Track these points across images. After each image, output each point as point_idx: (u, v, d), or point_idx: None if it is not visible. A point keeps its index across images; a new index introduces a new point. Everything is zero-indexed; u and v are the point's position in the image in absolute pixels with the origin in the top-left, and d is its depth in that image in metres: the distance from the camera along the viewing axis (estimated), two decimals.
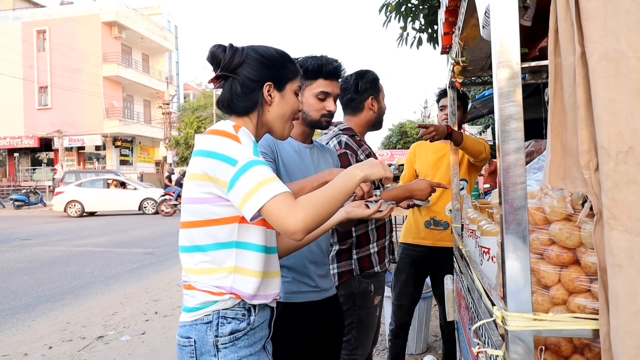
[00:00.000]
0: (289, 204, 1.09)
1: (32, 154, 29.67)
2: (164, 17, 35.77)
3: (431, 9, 4.54)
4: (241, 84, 1.29)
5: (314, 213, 1.10)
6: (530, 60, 1.87)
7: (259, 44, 1.36)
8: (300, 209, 1.09)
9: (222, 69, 1.30)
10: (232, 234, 1.23)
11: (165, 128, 27.97)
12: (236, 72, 1.30)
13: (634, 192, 0.82)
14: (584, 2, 0.84)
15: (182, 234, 1.28)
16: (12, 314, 4.89)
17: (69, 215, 16.85)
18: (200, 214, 1.22)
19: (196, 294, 1.24)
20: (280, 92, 1.34)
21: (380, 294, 2.24)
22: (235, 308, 1.24)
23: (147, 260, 7.87)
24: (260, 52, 1.32)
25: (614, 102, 0.82)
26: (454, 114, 2.53)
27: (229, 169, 1.14)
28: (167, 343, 3.98)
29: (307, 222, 1.09)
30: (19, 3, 30.06)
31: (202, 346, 1.23)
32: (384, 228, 2.25)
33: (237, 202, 1.14)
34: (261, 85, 1.30)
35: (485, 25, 1.09)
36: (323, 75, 1.85)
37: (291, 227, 1.08)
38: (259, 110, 1.32)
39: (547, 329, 0.91)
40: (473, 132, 13.24)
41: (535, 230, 1.09)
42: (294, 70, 1.38)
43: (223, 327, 1.23)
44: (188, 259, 1.26)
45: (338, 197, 1.16)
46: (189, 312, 1.26)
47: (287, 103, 1.35)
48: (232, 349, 1.23)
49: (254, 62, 1.30)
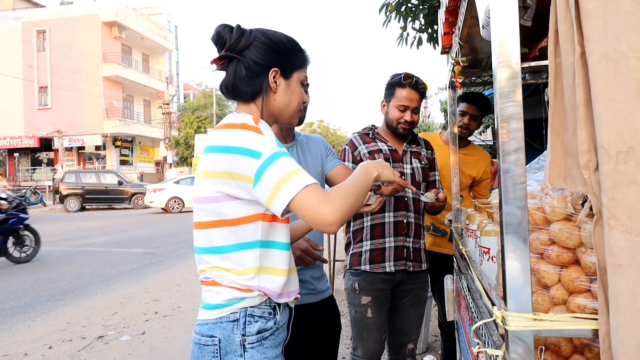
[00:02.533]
0: (322, 195, 1.06)
1: (32, 154, 29.66)
2: (164, 17, 35.77)
3: (431, 9, 4.54)
4: (246, 67, 1.23)
5: (347, 203, 1.08)
6: (530, 60, 1.87)
7: (268, 28, 1.30)
8: (333, 199, 1.06)
9: (227, 49, 1.23)
10: (255, 234, 1.17)
11: (165, 128, 27.97)
12: (242, 54, 1.23)
13: (633, 192, 0.82)
14: (584, 2, 0.84)
15: (198, 235, 1.21)
16: (12, 314, 4.88)
17: (170, 211, 16.98)
18: (217, 214, 1.16)
19: (222, 290, 1.17)
20: (286, 79, 1.28)
21: (369, 295, 2.19)
22: (262, 306, 1.19)
23: (147, 260, 7.87)
24: (269, 35, 1.26)
25: (614, 102, 0.82)
26: (454, 114, 2.53)
27: (252, 163, 1.09)
28: (167, 343, 3.97)
29: (343, 213, 1.07)
30: (19, 3, 30.05)
31: (228, 345, 1.15)
32: (381, 229, 2.20)
33: (265, 196, 1.09)
34: (267, 70, 1.24)
35: (485, 25, 1.09)
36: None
37: (327, 218, 1.05)
38: (264, 97, 1.26)
39: (547, 329, 0.91)
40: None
41: (535, 230, 1.09)
42: (302, 59, 1.33)
43: (250, 325, 1.16)
44: (207, 259, 1.20)
45: (363, 189, 1.17)
46: (212, 310, 1.18)
47: (293, 92, 1.30)
48: (259, 349, 1.16)
49: (261, 46, 1.24)
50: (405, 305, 2.29)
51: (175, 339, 4.05)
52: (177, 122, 30.97)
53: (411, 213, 2.25)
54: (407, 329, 2.32)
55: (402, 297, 2.28)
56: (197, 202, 1.21)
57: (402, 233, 2.21)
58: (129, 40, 30.16)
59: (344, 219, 1.07)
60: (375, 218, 2.21)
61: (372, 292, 2.20)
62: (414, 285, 2.29)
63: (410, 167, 2.30)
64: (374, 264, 2.19)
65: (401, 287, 2.26)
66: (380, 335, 2.24)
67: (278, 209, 1.08)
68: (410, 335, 2.33)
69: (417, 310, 2.34)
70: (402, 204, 2.22)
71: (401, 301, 2.29)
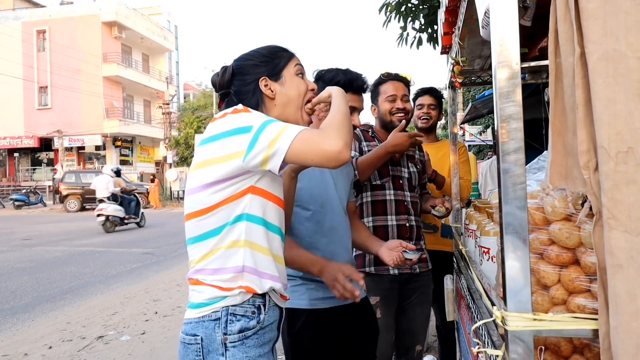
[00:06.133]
0: (317, 132, 1.11)
1: (32, 154, 29.66)
2: (164, 17, 35.75)
3: (431, 9, 4.55)
4: (238, 92, 1.32)
5: (343, 129, 1.12)
6: (530, 60, 1.87)
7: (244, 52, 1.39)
8: (329, 132, 1.11)
9: (220, 89, 1.35)
10: (242, 208, 1.18)
11: (165, 128, 27.94)
12: (231, 86, 1.33)
13: (633, 192, 0.82)
14: (583, 3, 0.84)
15: (188, 226, 1.23)
16: (12, 314, 4.88)
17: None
18: (205, 201, 1.18)
19: (204, 289, 1.19)
20: (277, 81, 1.32)
21: (377, 295, 2.17)
22: (244, 305, 1.20)
23: (147, 260, 7.87)
24: (243, 57, 1.36)
25: (614, 102, 0.83)
26: (454, 114, 2.53)
27: (244, 137, 1.12)
28: (167, 343, 3.97)
29: (345, 138, 1.11)
30: (19, 3, 30.05)
31: (210, 344, 1.17)
32: (384, 232, 2.19)
33: (259, 158, 1.11)
34: (257, 82, 1.30)
35: (485, 25, 1.09)
36: (353, 89, 1.83)
37: (334, 148, 1.09)
38: (266, 105, 1.31)
39: (547, 329, 0.91)
40: (473, 132, 13.22)
41: (535, 230, 1.09)
42: (285, 55, 1.36)
43: (232, 324, 1.17)
44: (196, 249, 1.22)
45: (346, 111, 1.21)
46: (195, 309, 1.20)
47: (290, 88, 1.33)
48: (241, 348, 1.17)
49: (238, 69, 1.33)
50: (413, 304, 2.28)
51: (175, 339, 4.03)
52: (177, 122, 30.94)
53: (412, 216, 2.25)
54: (415, 329, 2.30)
55: (409, 296, 2.27)
56: (187, 194, 1.24)
57: (405, 236, 2.20)
58: (129, 40, 30.15)
59: (349, 142, 1.12)
60: (377, 220, 2.21)
61: (380, 292, 2.18)
62: (420, 283, 2.29)
63: (408, 172, 2.30)
64: (379, 266, 2.18)
65: (407, 286, 2.26)
66: (390, 336, 2.22)
67: (276, 162, 1.11)
68: (418, 335, 2.31)
69: (424, 309, 2.34)
70: (402, 208, 2.22)
71: (407, 300, 2.27)
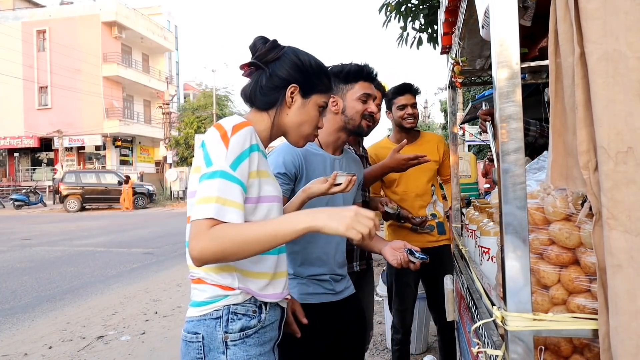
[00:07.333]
0: (203, 230, 1.06)
1: (32, 154, 29.65)
2: (164, 17, 35.74)
3: (431, 9, 4.55)
4: (268, 78, 1.29)
5: (217, 249, 1.06)
6: (530, 60, 1.87)
7: (303, 50, 1.35)
8: (207, 239, 1.06)
9: (255, 57, 1.30)
10: None
11: (165, 128, 27.93)
12: (267, 65, 1.29)
13: (633, 192, 0.82)
14: (583, 3, 0.84)
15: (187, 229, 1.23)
16: (12, 314, 4.89)
17: None
18: None
19: (206, 288, 1.20)
20: (304, 98, 1.32)
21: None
22: (246, 304, 1.21)
23: (147, 260, 7.87)
24: (298, 54, 1.32)
25: (614, 102, 0.82)
26: (454, 114, 2.53)
27: (204, 166, 1.15)
28: (167, 343, 3.98)
29: (204, 255, 1.06)
30: (19, 3, 30.04)
31: (211, 342, 1.18)
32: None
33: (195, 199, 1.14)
34: (287, 84, 1.29)
35: (485, 25, 1.09)
36: (364, 77, 1.85)
37: (192, 253, 1.07)
38: (277, 110, 1.30)
39: (547, 329, 0.91)
40: (473, 132, 13.21)
41: (535, 230, 1.09)
42: (326, 84, 1.36)
43: (233, 323, 1.19)
44: None
45: (262, 241, 1.07)
46: (197, 307, 1.21)
47: (306, 113, 1.32)
48: (242, 346, 1.19)
49: (287, 61, 1.30)
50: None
51: (175, 339, 4.05)
52: (177, 122, 30.94)
53: None
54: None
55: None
56: (189, 196, 1.25)
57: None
58: (129, 40, 30.14)
59: (206, 260, 1.08)
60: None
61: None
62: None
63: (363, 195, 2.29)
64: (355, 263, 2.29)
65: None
66: None
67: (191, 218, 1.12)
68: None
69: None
70: None
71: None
